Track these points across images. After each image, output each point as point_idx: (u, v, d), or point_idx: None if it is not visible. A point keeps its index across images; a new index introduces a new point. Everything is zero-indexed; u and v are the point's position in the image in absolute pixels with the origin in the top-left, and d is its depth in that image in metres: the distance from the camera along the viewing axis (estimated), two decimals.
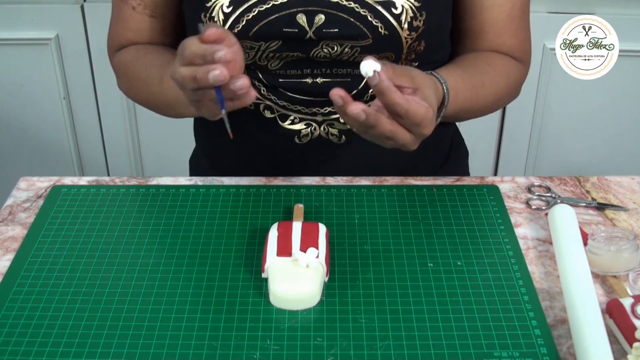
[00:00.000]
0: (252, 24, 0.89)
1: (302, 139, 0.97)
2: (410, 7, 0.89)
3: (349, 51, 0.91)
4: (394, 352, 0.69)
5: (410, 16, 0.89)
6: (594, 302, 0.72)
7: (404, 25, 0.90)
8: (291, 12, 0.89)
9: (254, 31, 0.89)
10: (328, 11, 0.89)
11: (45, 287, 0.77)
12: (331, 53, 0.91)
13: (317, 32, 0.89)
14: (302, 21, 0.89)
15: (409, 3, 0.89)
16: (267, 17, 0.89)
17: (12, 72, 1.78)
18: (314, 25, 0.89)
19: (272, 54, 0.92)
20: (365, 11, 0.88)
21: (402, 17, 0.89)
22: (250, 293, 0.76)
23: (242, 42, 0.90)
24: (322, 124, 0.97)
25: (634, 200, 0.91)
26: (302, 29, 0.89)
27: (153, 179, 0.95)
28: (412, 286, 0.77)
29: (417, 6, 0.89)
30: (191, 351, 0.70)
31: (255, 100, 0.96)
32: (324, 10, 0.89)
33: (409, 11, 0.89)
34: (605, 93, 1.75)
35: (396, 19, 0.89)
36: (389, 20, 0.89)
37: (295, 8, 0.89)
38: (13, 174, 1.12)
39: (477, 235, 0.84)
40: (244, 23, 0.89)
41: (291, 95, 0.96)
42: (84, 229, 0.86)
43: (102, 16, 1.72)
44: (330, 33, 0.89)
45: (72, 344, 0.71)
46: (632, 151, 1.84)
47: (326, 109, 0.96)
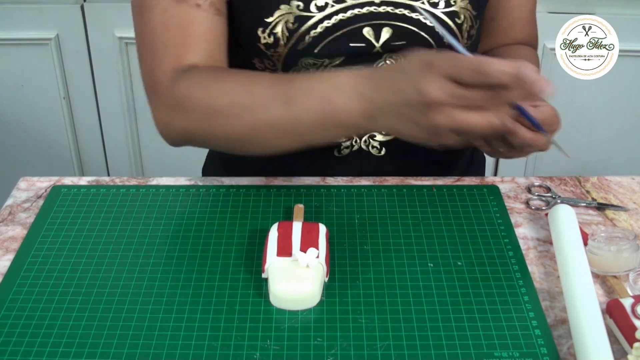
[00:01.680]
0: (317, 41, 0.87)
1: (342, 151, 0.96)
2: (469, 16, 0.89)
3: None
4: (394, 352, 0.69)
5: (469, 25, 0.90)
6: (594, 302, 0.72)
7: (464, 34, 0.90)
8: (357, 26, 0.87)
9: (319, 48, 0.87)
10: (394, 24, 0.87)
11: (45, 287, 0.77)
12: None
13: (384, 46, 0.88)
14: (369, 35, 0.87)
15: (469, 12, 0.89)
16: (333, 33, 0.86)
17: (12, 72, 1.78)
18: (381, 39, 0.87)
19: (333, 70, 0.89)
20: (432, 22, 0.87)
21: (464, 27, 0.90)
22: (250, 293, 0.76)
23: (304, 60, 0.88)
24: (363, 135, 0.95)
25: (634, 200, 0.91)
26: (369, 43, 0.88)
27: (153, 179, 0.95)
28: (412, 286, 0.77)
29: (474, 15, 0.90)
30: (191, 351, 0.70)
31: None
32: (390, 23, 0.87)
33: (468, 20, 0.90)
34: (605, 93, 1.75)
35: (459, 28, 0.89)
36: (454, 31, 0.89)
37: (361, 23, 0.87)
38: (13, 174, 1.12)
39: (477, 235, 0.84)
40: (310, 40, 0.86)
41: None
42: (84, 229, 0.86)
43: (102, 16, 1.72)
44: (397, 46, 0.88)
45: (72, 344, 0.71)
46: (632, 151, 1.84)
47: None
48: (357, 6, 0.86)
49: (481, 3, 0.93)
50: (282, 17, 0.85)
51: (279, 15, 0.85)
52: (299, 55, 0.87)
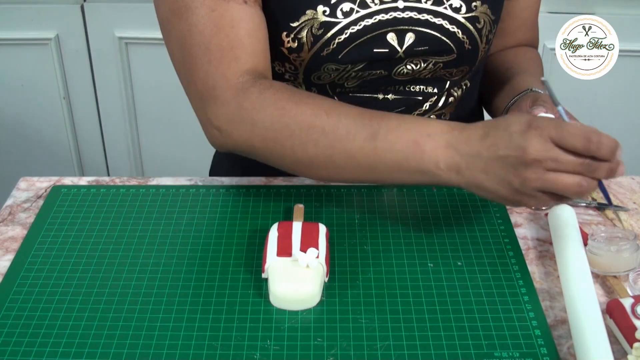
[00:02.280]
0: (343, 46, 0.86)
1: None
2: (489, 21, 0.90)
3: (432, 67, 0.91)
4: (394, 352, 0.69)
5: (488, 30, 0.91)
6: (594, 302, 0.72)
7: (484, 38, 0.91)
8: (381, 32, 0.87)
9: (343, 53, 0.87)
10: (418, 29, 0.88)
11: (45, 287, 0.77)
12: (414, 70, 0.90)
13: (407, 51, 0.88)
14: (393, 41, 0.87)
15: (488, 17, 0.90)
16: (358, 38, 0.86)
17: (12, 72, 1.78)
18: (404, 44, 0.87)
19: (354, 74, 0.89)
20: (454, 27, 0.88)
21: (483, 31, 0.90)
22: (250, 293, 0.76)
23: (327, 65, 0.88)
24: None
25: (634, 200, 0.91)
26: (392, 49, 0.88)
27: (153, 179, 0.95)
28: (412, 286, 0.77)
29: (493, 19, 0.90)
30: (191, 351, 0.70)
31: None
32: (413, 29, 0.87)
33: (487, 25, 0.90)
34: (605, 93, 1.75)
35: (479, 33, 0.90)
36: (474, 36, 0.89)
37: (385, 28, 0.87)
38: (13, 174, 1.12)
39: (477, 235, 0.84)
40: (335, 46, 0.86)
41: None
42: (84, 229, 0.86)
43: (102, 16, 1.72)
44: (420, 51, 0.88)
45: (72, 344, 0.71)
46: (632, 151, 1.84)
47: None
48: (381, 12, 0.86)
49: (499, 7, 0.94)
50: (308, 22, 0.85)
51: (304, 20, 0.84)
52: (323, 61, 0.87)
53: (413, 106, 0.95)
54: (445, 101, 0.96)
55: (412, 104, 0.95)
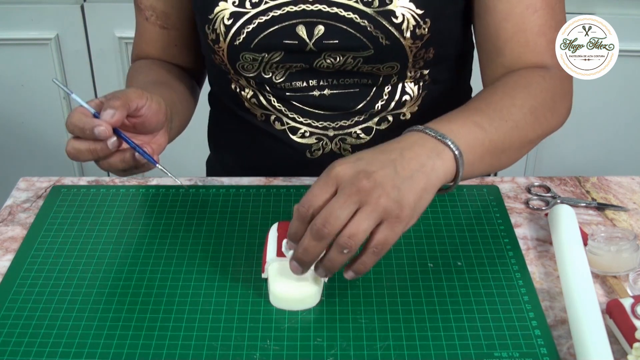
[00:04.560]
0: (252, 36, 0.89)
1: (314, 153, 0.97)
2: (412, 16, 0.86)
3: (352, 61, 0.90)
4: (394, 352, 0.69)
5: (413, 25, 0.86)
6: (594, 302, 0.72)
7: (406, 34, 0.86)
8: (291, 23, 0.88)
9: (255, 43, 0.89)
10: (327, 22, 0.88)
11: (45, 287, 0.77)
12: (334, 63, 0.90)
13: (317, 44, 0.89)
14: (302, 33, 0.88)
15: (410, 11, 0.86)
16: (267, 29, 0.88)
17: (12, 72, 1.78)
18: (313, 36, 0.88)
19: (275, 65, 0.91)
20: (365, 22, 0.87)
21: (404, 26, 0.86)
22: (250, 293, 0.76)
23: (245, 54, 0.90)
24: (333, 139, 0.96)
25: (634, 201, 0.91)
26: (302, 41, 0.88)
27: (153, 179, 0.95)
28: (412, 286, 0.77)
29: (419, 14, 0.86)
30: (191, 351, 0.70)
31: (265, 111, 0.97)
32: (323, 22, 0.88)
33: (410, 20, 0.86)
34: (605, 93, 1.75)
35: (397, 28, 0.86)
36: (390, 30, 0.86)
37: (294, 19, 0.88)
38: (13, 174, 1.12)
39: (477, 235, 0.84)
40: (245, 35, 0.89)
41: (300, 107, 0.95)
42: (84, 229, 0.86)
43: (102, 16, 1.72)
44: (330, 45, 0.88)
45: (72, 344, 0.71)
46: (632, 151, 1.84)
47: (337, 123, 0.95)
48: (290, 3, 0.87)
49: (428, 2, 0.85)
50: (220, 13, 0.89)
51: (217, 11, 0.89)
52: (239, 50, 0.90)
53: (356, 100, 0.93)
54: (400, 100, 0.94)
55: (353, 99, 0.93)
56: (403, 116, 0.96)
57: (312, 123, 0.96)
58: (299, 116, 0.95)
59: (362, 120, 0.96)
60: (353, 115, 0.95)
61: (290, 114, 0.96)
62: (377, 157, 0.70)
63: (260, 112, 0.98)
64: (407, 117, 0.96)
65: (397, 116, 0.96)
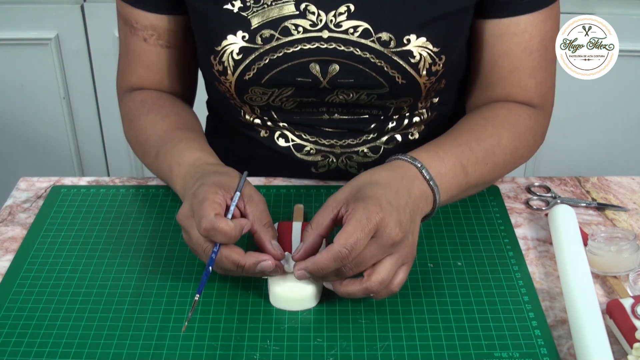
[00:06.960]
0: (263, 72, 0.86)
1: (319, 169, 0.95)
2: (428, 54, 0.84)
3: (366, 97, 0.88)
4: (394, 352, 0.69)
5: (429, 63, 0.85)
6: (594, 302, 0.72)
7: (422, 72, 0.85)
8: (304, 61, 0.85)
9: (265, 79, 0.86)
10: (342, 61, 0.85)
11: (45, 287, 0.77)
12: (347, 99, 0.88)
13: (331, 82, 0.86)
14: (316, 71, 0.85)
15: (427, 50, 0.84)
16: (279, 65, 0.85)
17: (12, 72, 1.78)
18: (328, 74, 0.86)
19: (285, 98, 0.89)
20: (382, 62, 0.84)
21: (420, 65, 0.85)
22: (250, 293, 0.76)
23: (253, 88, 0.88)
24: (340, 157, 0.94)
25: (634, 201, 0.91)
26: (315, 79, 0.86)
27: (153, 179, 0.95)
28: (412, 286, 0.77)
29: (435, 52, 0.85)
30: (191, 351, 0.70)
31: (269, 129, 0.94)
32: (338, 60, 0.85)
33: (427, 58, 0.84)
34: (605, 93, 1.75)
35: (414, 67, 0.85)
36: (407, 70, 0.85)
37: (308, 57, 0.85)
38: (13, 174, 1.12)
39: (477, 235, 0.84)
40: (255, 71, 0.86)
41: (307, 127, 0.93)
42: (84, 229, 0.86)
43: (102, 16, 1.72)
44: (345, 83, 0.86)
45: (72, 344, 0.71)
46: (632, 151, 1.84)
47: (345, 141, 0.93)
48: (304, 40, 0.84)
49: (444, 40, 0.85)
50: (228, 47, 0.85)
51: (225, 44, 0.85)
52: (248, 85, 0.87)
53: (365, 126, 0.93)
54: (410, 123, 0.94)
55: (363, 124, 0.92)
56: (411, 135, 0.95)
57: (319, 141, 0.93)
58: (304, 134, 0.93)
59: (370, 139, 0.94)
60: (361, 135, 0.94)
61: (296, 132, 0.94)
62: (398, 201, 0.72)
63: (264, 129, 0.95)
64: (416, 137, 0.95)
65: (405, 135, 0.95)
